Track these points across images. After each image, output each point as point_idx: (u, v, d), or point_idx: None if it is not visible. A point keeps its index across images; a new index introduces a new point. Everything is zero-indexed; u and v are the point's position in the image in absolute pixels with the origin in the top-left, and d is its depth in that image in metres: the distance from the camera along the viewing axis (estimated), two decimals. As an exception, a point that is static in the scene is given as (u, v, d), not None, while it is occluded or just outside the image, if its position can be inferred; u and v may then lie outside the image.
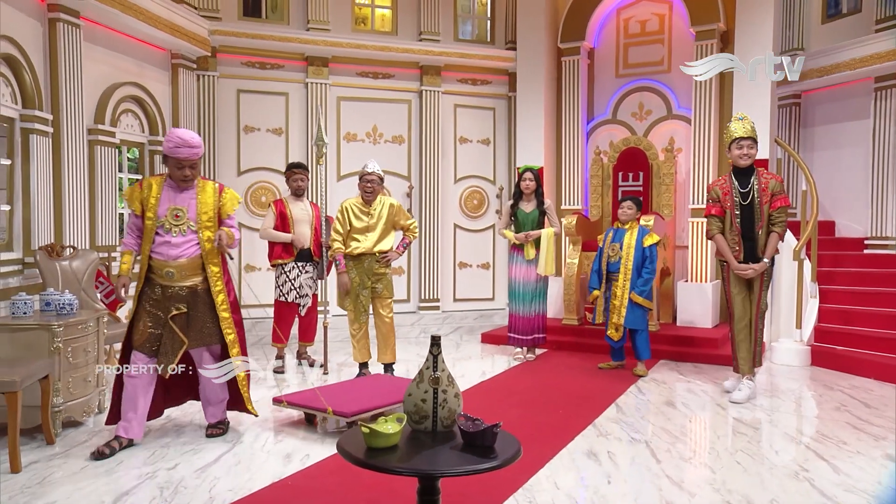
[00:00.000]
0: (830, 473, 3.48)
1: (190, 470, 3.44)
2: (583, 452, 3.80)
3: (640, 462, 3.66)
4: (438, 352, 2.11)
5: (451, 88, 8.25)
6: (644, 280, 5.67)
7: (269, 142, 7.60)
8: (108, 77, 6.07)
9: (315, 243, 5.82)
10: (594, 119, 8.10)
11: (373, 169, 5.38)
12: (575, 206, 7.85)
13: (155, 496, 3.11)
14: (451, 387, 2.11)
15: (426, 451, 2.02)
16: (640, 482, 3.38)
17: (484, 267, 8.53)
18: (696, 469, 3.58)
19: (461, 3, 8.49)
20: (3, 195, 5.07)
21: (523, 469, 3.48)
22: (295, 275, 5.77)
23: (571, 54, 7.88)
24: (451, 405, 2.10)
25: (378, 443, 1.99)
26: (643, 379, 5.58)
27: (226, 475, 3.37)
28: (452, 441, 2.07)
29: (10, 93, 4.97)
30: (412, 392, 2.12)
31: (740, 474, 3.49)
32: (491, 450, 2.00)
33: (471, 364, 6.23)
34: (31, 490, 3.19)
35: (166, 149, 3.79)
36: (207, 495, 3.12)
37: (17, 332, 4.00)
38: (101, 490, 3.17)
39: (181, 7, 6.68)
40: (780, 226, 4.75)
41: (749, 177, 4.81)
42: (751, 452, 3.83)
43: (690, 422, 4.48)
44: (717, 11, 7.00)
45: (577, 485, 3.33)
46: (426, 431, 2.13)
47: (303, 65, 7.63)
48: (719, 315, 7.12)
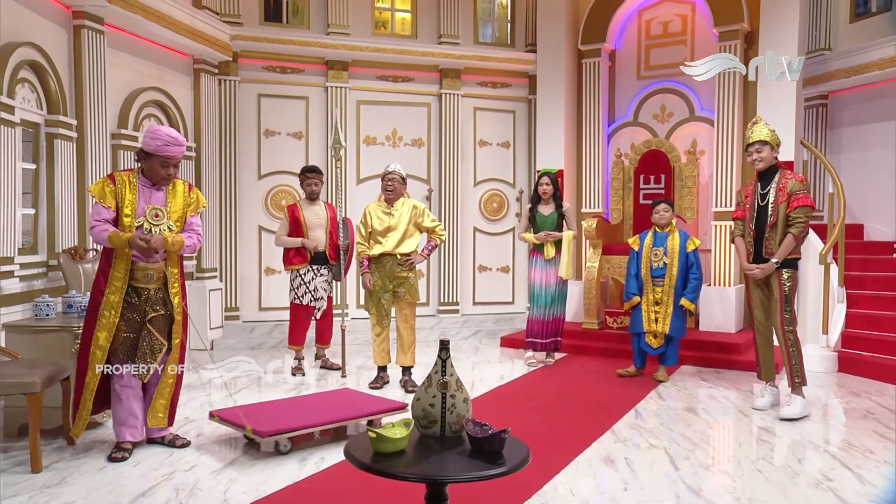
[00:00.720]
0: (855, 483, 3.40)
1: (206, 472, 3.46)
2: (600, 458, 3.75)
3: (659, 469, 3.60)
4: (447, 356, 2.10)
5: (470, 91, 8.24)
6: (693, 287, 5.58)
7: (290, 145, 7.65)
8: (131, 82, 6.17)
9: (330, 246, 5.84)
10: (615, 121, 8.04)
11: (394, 168, 5.38)
12: (595, 210, 7.79)
13: (170, 497, 3.13)
14: (460, 391, 2.10)
15: (433, 457, 2.01)
16: (658, 490, 3.33)
17: (504, 270, 8.50)
18: (715, 477, 3.52)
19: (481, 6, 8.48)
20: (29, 199, 5.16)
21: (538, 475, 3.46)
22: (310, 278, 5.80)
23: (592, 56, 7.83)
24: (460, 410, 2.08)
25: (384, 447, 1.98)
26: (664, 384, 5.51)
27: (241, 477, 3.39)
28: (460, 446, 2.06)
29: (35, 98, 5.06)
30: (420, 397, 2.11)
31: (761, 483, 3.42)
32: (499, 455, 1.99)
33: (489, 368, 6.21)
34: (51, 490, 3.23)
35: (152, 147, 3.65)
36: (222, 497, 3.14)
37: (39, 333, 4.08)
38: (117, 491, 3.21)
39: (203, 13, 6.76)
40: (797, 226, 4.56)
41: (770, 179, 4.74)
42: (773, 460, 3.77)
43: (711, 428, 4.41)
44: (741, 11, 6.90)
45: (593, 491, 3.29)
46: (434, 436, 2.11)
47: (323, 69, 7.68)
48: (743, 320, 7.01)
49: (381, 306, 5.35)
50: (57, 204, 5.23)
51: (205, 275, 7.01)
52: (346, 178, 7.77)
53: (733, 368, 6.10)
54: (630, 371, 5.77)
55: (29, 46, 4.85)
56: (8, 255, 4.58)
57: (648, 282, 5.67)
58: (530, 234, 6.16)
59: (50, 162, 5.20)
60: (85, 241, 5.47)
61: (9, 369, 3.60)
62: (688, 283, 5.61)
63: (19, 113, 4.76)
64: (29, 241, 5.15)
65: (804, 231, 4.59)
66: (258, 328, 7.33)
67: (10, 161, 4.61)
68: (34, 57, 4.92)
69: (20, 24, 4.86)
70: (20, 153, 4.88)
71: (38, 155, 5.16)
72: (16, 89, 4.75)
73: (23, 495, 3.16)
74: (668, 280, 5.61)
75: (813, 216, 4.65)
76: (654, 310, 5.62)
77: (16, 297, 4.68)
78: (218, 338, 7.05)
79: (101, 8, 5.50)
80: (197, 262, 6.97)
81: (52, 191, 5.21)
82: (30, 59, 4.87)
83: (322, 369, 6.00)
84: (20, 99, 4.84)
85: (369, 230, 5.36)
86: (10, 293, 4.63)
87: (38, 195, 5.18)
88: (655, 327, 5.61)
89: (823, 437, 4.23)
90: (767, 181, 4.73)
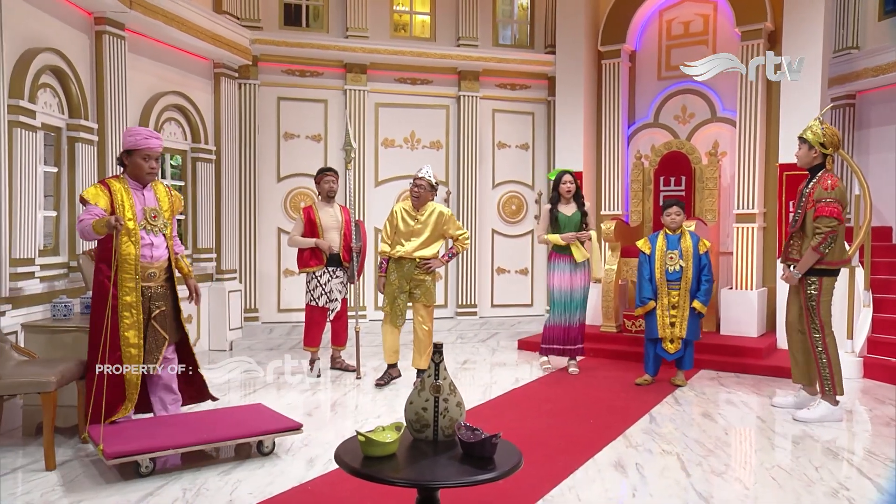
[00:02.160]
0: (873, 493, 3.31)
1: (215, 472, 3.49)
2: (610, 464, 3.70)
3: (669, 475, 3.55)
4: (441, 359, 2.08)
5: (489, 93, 8.22)
6: (706, 290, 5.47)
7: (309, 148, 7.71)
8: (152, 86, 6.26)
9: (345, 248, 5.86)
10: (635, 122, 7.95)
11: (423, 174, 5.38)
12: (615, 212, 7.71)
13: (178, 497, 3.16)
14: (453, 395, 2.08)
15: (424, 461, 1.99)
16: (667, 496, 3.27)
17: (522, 273, 8.45)
18: (727, 484, 3.45)
19: (501, 8, 8.46)
20: (51, 201, 5.27)
21: (547, 479, 3.43)
22: (326, 279, 5.82)
23: (612, 57, 7.76)
24: (453, 414, 2.06)
25: (374, 451, 1.97)
26: (681, 389, 5.43)
27: (248, 478, 3.41)
28: (453, 451, 2.04)
29: (57, 103, 5.16)
30: (413, 400, 2.10)
31: (774, 490, 3.35)
32: (490, 461, 1.96)
33: (505, 371, 6.17)
34: (63, 487, 3.29)
35: (134, 142, 3.78)
36: (228, 498, 3.16)
37: (56, 333, 4.15)
38: (127, 489, 3.25)
39: (223, 17, 6.84)
40: (816, 238, 4.39)
41: (811, 180, 4.58)
42: (789, 468, 3.68)
43: (727, 434, 4.32)
44: (764, 10, 6.78)
45: (600, 497, 3.24)
46: (427, 440, 2.10)
47: (342, 72, 7.72)
48: (766, 324, 6.88)
49: (397, 306, 5.36)
50: (78, 206, 5.31)
51: (224, 276, 7.09)
52: (364, 181, 7.81)
53: (754, 373, 5.98)
54: (647, 380, 5.60)
55: (51, 52, 4.94)
56: (29, 257, 4.67)
57: (664, 286, 5.52)
58: (555, 235, 5.84)
59: (71, 165, 5.29)
60: (105, 242, 5.55)
61: (25, 369, 3.67)
62: (700, 286, 5.51)
63: (41, 117, 4.85)
64: (51, 243, 5.25)
65: (824, 242, 4.37)
66: (277, 329, 7.39)
67: (31, 165, 4.70)
68: (56, 62, 5.01)
69: (43, 30, 4.96)
70: (41, 157, 4.98)
71: (60, 158, 5.26)
72: (37, 94, 4.84)
73: (35, 493, 3.21)
74: (685, 283, 5.49)
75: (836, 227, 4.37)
76: (671, 314, 5.48)
77: (36, 298, 4.77)
78: (237, 339, 7.11)
79: (121, 13, 5.58)
80: (217, 264, 7.04)
81: (73, 193, 5.30)
82: (52, 64, 4.96)
83: (337, 370, 6.02)
84: (42, 104, 4.93)
85: (394, 230, 5.38)
86: (31, 294, 4.73)
87: (59, 198, 5.28)
88: (672, 331, 5.49)
89: (843, 445, 4.12)
90: (809, 182, 4.58)
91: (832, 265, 4.49)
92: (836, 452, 3.96)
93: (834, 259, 4.47)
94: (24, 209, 4.62)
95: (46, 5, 5.02)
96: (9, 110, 4.45)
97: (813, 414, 4.49)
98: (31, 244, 4.69)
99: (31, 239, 4.69)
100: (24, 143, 4.60)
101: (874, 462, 3.77)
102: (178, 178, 6.80)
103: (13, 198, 4.51)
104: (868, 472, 3.60)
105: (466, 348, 7.21)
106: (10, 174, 4.47)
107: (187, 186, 6.79)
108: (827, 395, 4.53)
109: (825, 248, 4.39)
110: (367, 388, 5.46)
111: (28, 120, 4.64)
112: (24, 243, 4.61)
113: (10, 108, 4.46)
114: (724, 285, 7.16)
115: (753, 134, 6.85)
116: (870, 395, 5.29)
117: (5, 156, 4.38)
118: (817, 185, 4.47)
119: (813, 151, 4.51)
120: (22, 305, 4.63)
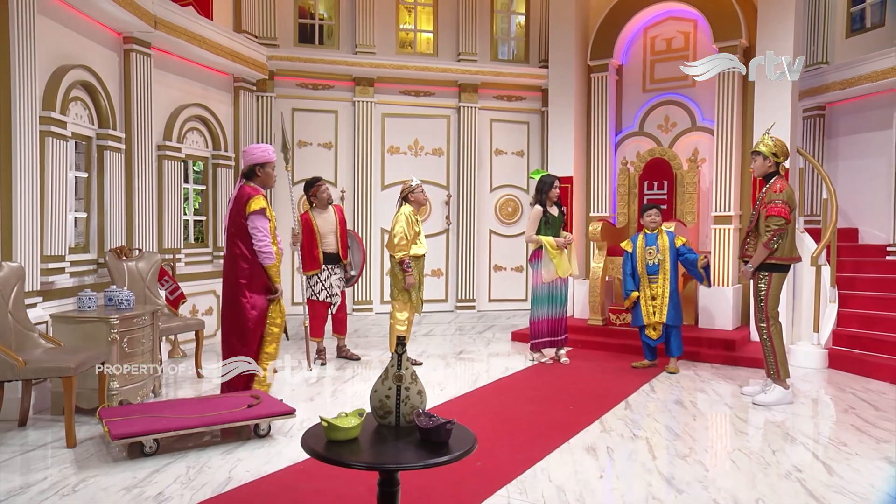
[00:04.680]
0: (823, 475, 3.27)
1: (217, 452, 3.50)
2: (583, 447, 3.68)
3: (637, 458, 3.52)
4: (403, 351, 2.08)
5: (487, 104, 8.20)
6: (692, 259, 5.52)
7: (320, 155, 7.73)
8: (176, 99, 6.30)
9: (342, 247, 5.88)
10: (622, 131, 7.89)
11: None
12: (603, 214, 7.66)
13: (181, 474, 3.18)
14: (415, 384, 2.07)
15: (383, 445, 1.98)
16: (631, 477, 3.25)
17: (518, 270, 8.43)
18: (689, 466, 3.41)
19: (500, 26, 8.44)
20: (81, 204, 5.32)
21: (522, 461, 3.41)
22: (325, 276, 5.85)
23: (600, 71, 7.70)
24: (414, 401, 2.06)
25: (336, 436, 1.96)
26: (657, 377, 5.39)
27: (248, 458, 3.42)
28: (412, 436, 2.03)
29: (87, 114, 5.20)
30: (377, 388, 2.10)
31: (732, 473, 3.31)
32: (445, 445, 1.95)
33: (497, 360, 6.15)
34: (79, 463, 3.32)
35: (266, 156, 4.18)
36: (227, 475, 3.17)
37: (80, 323, 4.19)
38: (135, 467, 3.27)
39: (242, 36, 6.87)
40: (765, 235, 4.45)
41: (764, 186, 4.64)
42: (748, 452, 3.64)
43: (695, 420, 4.27)
44: (739, 28, 6.71)
45: (570, 478, 3.22)
46: (390, 426, 2.09)
47: (351, 85, 7.73)
48: (740, 318, 6.81)
49: (420, 297, 5.72)
50: (106, 208, 5.37)
51: (243, 272, 7.11)
52: (371, 185, 7.82)
53: (729, 364, 5.93)
54: (644, 363, 5.73)
55: (81, 68, 4.98)
56: (59, 254, 4.72)
57: (644, 278, 5.65)
58: (549, 238, 5.76)
59: (100, 171, 5.34)
60: (132, 241, 5.60)
61: (50, 355, 3.72)
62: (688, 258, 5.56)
63: (71, 127, 4.90)
64: (81, 242, 5.30)
65: (772, 239, 4.42)
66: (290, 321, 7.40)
67: (62, 170, 4.74)
68: (86, 78, 5.05)
69: (76, 49, 5.01)
70: (72, 163, 5.03)
71: (90, 165, 5.30)
72: (69, 106, 4.89)
73: (53, 468, 3.25)
74: (663, 275, 5.59)
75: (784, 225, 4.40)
76: (652, 304, 5.60)
77: (67, 291, 4.83)
78: (254, 329, 7.13)
79: (147, 34, 5.63)
80: (236, 261, 7.07)
81: (101, 196, 5.35)
82: (82, 79, 5.01)
83: (343, 359, 6.04)
84: (73, 115, 4.98)
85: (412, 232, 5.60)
86: (62, 287, 4.78)
87: (89, 200, 5.33)
88: (654, 319, 5.59)
89: (801, 430, 4.06)
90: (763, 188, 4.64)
91: (782, 261, 4.54)
92: (794, 437, 3.91)
93: (784, 255, 4.52)
94: (55, 211, 4.67)
95: (80, 27, 5.07)
96: (41, 121, 4.50)
97: (769, 398, 4.57)
98: (61, 242, 4.74)
99: (61, 238, 4.74)
100: (55, 151, 4.64)
101: (828, 446, 3.72)
102: (199, 183, 6.84)
103: (45, 200, 4.56)
104: (821, 456, 3.55)
105: (464, 339, 7.20)
106: (42, 179, 4.52)
107: (208, 190, 6.82)
108: (778, 380, 4.60)
109: (774, 244, 4.46)
110: (367, 375, 5.47)
111: (59, 130, 4.69)
112: (55, 241, 4.66)
113: (42, 119, 4.51)
114: (702, 282, 7.08)
115: (730, 142, 6.78)
116: (832, 384, 5.22)
117: (37, 162, 4.42)
118: (769, 190, 4.52)
119: (767, 162, 4.59)
120: (54, 298, 4.68)
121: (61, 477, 3.13)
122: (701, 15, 7.03)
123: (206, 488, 3.01)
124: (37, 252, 4.40)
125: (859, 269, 6.65)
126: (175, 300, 5.67)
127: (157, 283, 5.45)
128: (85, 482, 3.07)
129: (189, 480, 3.11)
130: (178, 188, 6.22)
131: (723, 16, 6.80)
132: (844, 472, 3.31)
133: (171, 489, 3.00)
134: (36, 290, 4.39)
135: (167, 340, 5.93)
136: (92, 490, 2.98)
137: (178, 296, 5.71)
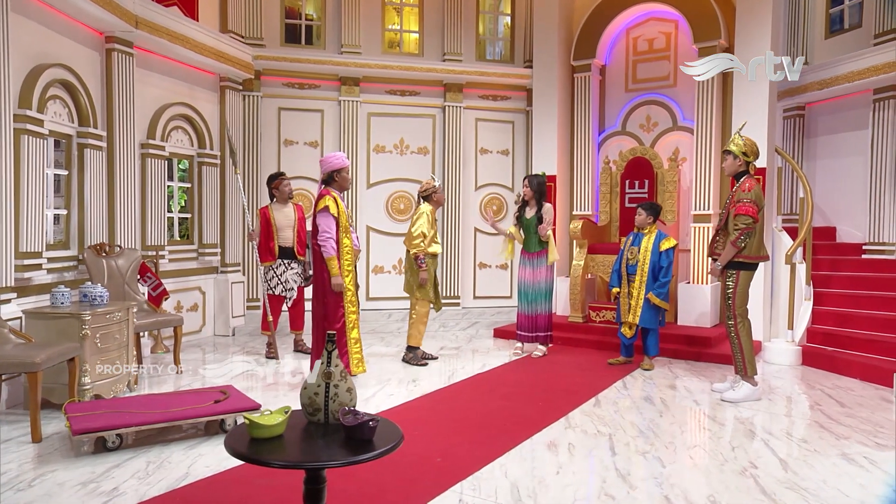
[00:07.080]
0: (778, 471, 3.22)
1: (181, 447, 3.47)
2: (544, 444, 3.63)
3: (596, 455, 3.47)
4: (333, 348, 2.04)
5: (472, 104, 8.15)
6: (661, 283, 5.42)
7: (306, 153, 7.69)
8: (160, 98, 6.25)
9: (299, 243, 5.88)
10: (605, 131, 7.83)
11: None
12: (586, 212, 7.61)
13: (140, 469, 3.15)
14: (344, 381, 2.03)
15: (308, 443, 1.94)
16: (587, 473, 3.20)
17: (502, 268, 8.38)
18: (647, 463, 3.36)
19: (486, 27, 8.38)
20: (62, 201, 5.28)
21: (481, 458, 3.36)
22: (282, 271, 5.86)
23: (584, 71, 7.63)
24: (342, 399, 2.01)
25: (259, 433, 1.92)
26: (631, 374, 5.34)
27: (209, 453, 3.38)
28: (339, 433, 1.99)
29: (66, 113, 5.17)
30: (307, 385, 2.06)
31: (689, 469, 3.27)
32: (369, 442, 1.91)
33: (477, 357, 6.10)
34: (41, 458, 3.29)
35: (342, 162, 4.67)
36: (185, 471, 3.14)
37: (53, 319, 4.16)
38: (96, 462, 3.24)
39: (227, 36, 6.82)
40: (733, 234, 4.40)
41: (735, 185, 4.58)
42: (708, 448, 3.59)
43: (661, 416, 4.22)
44: (718, 28, 6.65)
45: (526, 474, 3.18)
46: (318, 423, 2.05)
47: (337, 84, 7.68)
48: (718, 316, 6.75)
49: (438, 292, 5.78)
50: (87, 205, 5.33)
51: (228, 269, 7.09)
52: (357, 183, 7.78)
53: (705, 361, 5.88)
54: (620, 360, 5.68)
55: (60, 67, 4.94)
56: (36, 251, 4.68)
57: (625, 277, 5.61)
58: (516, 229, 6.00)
59: (81, 168, 5.30)
60: (114, 238, 5.57)
61: (18, 350, 3.68)
62: (657, 281, 5.44)
63: (49, 125, 4.86)
64: (61, 238, 5.27)
65: (740, 238, 4.36)
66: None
67: (39, 168, 4.70)
68: (65, 76, 5.01)
69: (54, 47, 4.97)
70: (50, 161, 4.99)
71: (71, 162, 5.27)
72: (47, 105, 4.85)
73: (14, 463, 3.21)
74: (640, 276, 5.50)
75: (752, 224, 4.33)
76: (628, 302, 5.54)
77: (45, 287, 4.79)
78: (239, 325, 7.11)
79: (128, 33, 5.59)
80: (221, 258, 7.04)
81: (82, 194, 5.31)
82: (61, 78, 4.97)
83: (300, 353, 6.01)
84: (52, 113, 4.94)
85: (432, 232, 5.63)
86: (40, 283, 4.75)
87: (70, 197, 5.29)
88: (629, 318, 5.53)
89: (764, 427, 4.01)
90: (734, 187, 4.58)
91: (749, 259, 4.48)
92: (755, 434, 3.86)
93: (751, 254, 4.46)
94: (31, 207, 4.63)
95: (59, 26, 5.03)
96: (15, 119, 4.46)
97: (737, 394, 4.53)
98: (38, 239, 4.70)
99: (38, 234, 4.70)
100: (31, 149, 4.60)
101: (789, 442, 3.68)
102: (185, 181, 6.80)
103: (20, 197, 4.52)
104: (779, 452, 3.50)
105: (447, 336, 7.16)
106: (17, 176, 4.48)
107: (193, 188, 6.79)
108: (746, 377, 4.55)
109: (741, 243, 4.39)
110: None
111: (35, 128, 4.64)
112: (31, 238, 4.63)
113: (16, 118, 4.47)
114: (682, 279, 7.03)
115: (709, 142, 6.72)
116: (804, 381, 5.17)
117: (11, 160, 4.38)
118: (738, 189, 4.45)
119: (738, 161, 4.52)
120: (31, 294, 4.65)
121: (20, 472, 3.10)
122: (681, 16, 6.97)
123: (161, 483, 2.98)
124: (11, 248, 4.36)
125: (835, 268, 6.59)
126: (158, 297, 5.63)
127: (140, 279, 5.42)
128: (43, 477, 3.03)
129: (147, 476, 3.07)
130: (162, 186, 6.18)
131: (702, 16, 6.74)
132: (800, 468, 3.26)
133: (126, 484, 2.96)
134: (10, 286, 4.35)
135: (150, 336, 5.90)
136: (48, 485, 2.94)
137: (160, 292, 5.67)
